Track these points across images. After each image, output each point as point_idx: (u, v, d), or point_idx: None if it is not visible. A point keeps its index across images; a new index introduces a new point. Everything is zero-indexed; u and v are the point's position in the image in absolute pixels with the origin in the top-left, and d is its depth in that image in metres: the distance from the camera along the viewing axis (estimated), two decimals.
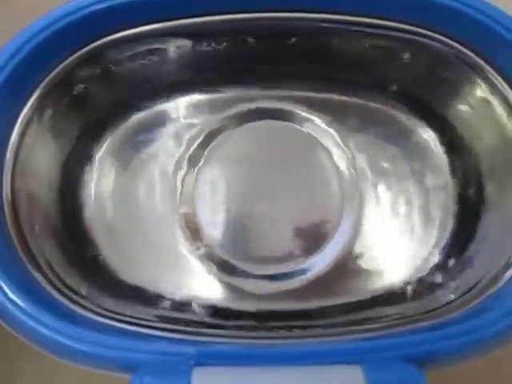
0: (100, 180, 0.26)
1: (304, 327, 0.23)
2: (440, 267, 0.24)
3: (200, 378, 0.18)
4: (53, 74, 0.23)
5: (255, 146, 0.26)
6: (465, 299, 0.22)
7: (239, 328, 0.24)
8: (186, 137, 0.27)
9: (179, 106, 0.27)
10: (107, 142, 0.26)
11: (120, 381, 0.20)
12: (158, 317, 0.23)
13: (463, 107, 0.25)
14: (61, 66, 0.23)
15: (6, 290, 0.20)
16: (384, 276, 0.25)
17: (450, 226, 0.25)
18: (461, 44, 0.24)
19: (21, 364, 0.26)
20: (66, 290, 0.22)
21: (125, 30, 0.24)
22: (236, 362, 0.19)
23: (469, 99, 0.25)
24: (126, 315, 0.22)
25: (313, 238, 0.25)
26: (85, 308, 0.22)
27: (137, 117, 0.27)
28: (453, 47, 0.24)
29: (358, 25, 0.24)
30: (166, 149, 0.26)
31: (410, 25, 0.24)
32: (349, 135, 0.26)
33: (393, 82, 0.26)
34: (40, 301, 0.20)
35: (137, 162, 0.26)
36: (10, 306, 0.20)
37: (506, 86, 0.23)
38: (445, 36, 0.24)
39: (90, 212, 0.25)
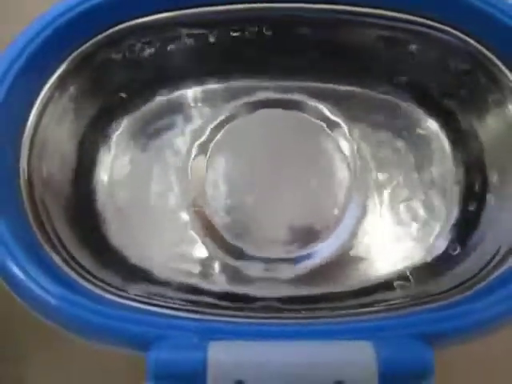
0: (114, 163, 0.26)
1: (312, 309, 0.24)
2: (445, 253, 0.25)
3: (216, 351, 0.19)
4: (73, 55, 0.24)
5: (265, 134, 0.27)
6: (472, 283, 0.22)
7: (248, 310, 0.24)
8: (200, 123, 0.27)
9: (193, 94, 0.27)
10: (123, 125, 0.27)
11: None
12: (168, 298, 0.24)
13: (468, 98, 0.26)
14: (82, 48, 0.24)
15: (22, 262, 0.20)
16: (389, 263, 0.25)
17: (454, 213, 0.26)
18: (467, 35, 0.24)
19: (30, 355, 0.27)
20: (78, 269, 0.22)
21: (143, 16, 0.24)
22: (249, 337, 0.19)
23: (474, 89, 0.25)
24: (137, 295, 0.23)
25: (319, 225, 0.26)
26: (102, 288, 0.22)
27: (153, 102, 0.27)
28: (460, 38, 0.24)
29: (369, 16, 0.25)
30: (179, 135, 0.27)
31: (420, 16, 0.24)
32: (355, 125, 0.27)
33: (401, 73, 0.27)
34: (54, 276, 0.21)
35: (151, 146, 0.27)
36: (26, 279, 0.20)
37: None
38: (451, 27, 0.24)
39: (102, 194, 0.26)
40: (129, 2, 0.24)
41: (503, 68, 0.24)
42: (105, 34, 0.24)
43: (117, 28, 0.24)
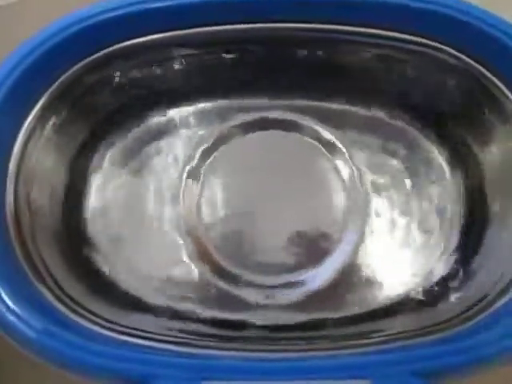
0: (105, 189, 0.26)
1: (310, 339, 0.23)
2: (445, 280, 0.25)
3: None
4: (57, 83, 0.23)
5: (260, 155, 0.26)
6: (472, 312, 0.22)
7: (243, 339, 0.24)
8: (192, 145, 0.26)
9: (186, 115, 0.27)
10: (112, 151, 0.26)
11: None
12: (163, 328, 0.23)
13: (467, 120, 0.25)
14: (66, 75, 0.23)
15: (12, 305, 0.20)
16: (388, 288, 0.25)
17: (454, 239, 0.25)
18: (467, 55, 0.24)
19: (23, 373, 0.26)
20: (69, 302, 0.22)
21: (132, 39, 0.24)
22: (243, 377, 0.19)
23: (473, 112, 0.25)
24: (130, 327, 0.22)
25: (316, 250, 0.25)
26: (91, 321, 0.22)
27: (143, 125, 0.27)
28: (459, 58, 0.24)
29: (365, 35, 0.24)
30: (172, 157, 0.26)
31: (418, 36, 0.24)
32: (353, 147, 0.26)
33: (399, 94, 0.26)
34: (47, 315, 0.20)
35: (142, 171, 0.26)
36: (19, 324, 0.19)
37: None
38: (451, 47, 0.24)
39: (93, 221, 0.25)
40: (122, 24, 0.23)
41: (505, 90, 0.23)
42: (92, 57, 0.23)
43: (103, 52, 0.23)
